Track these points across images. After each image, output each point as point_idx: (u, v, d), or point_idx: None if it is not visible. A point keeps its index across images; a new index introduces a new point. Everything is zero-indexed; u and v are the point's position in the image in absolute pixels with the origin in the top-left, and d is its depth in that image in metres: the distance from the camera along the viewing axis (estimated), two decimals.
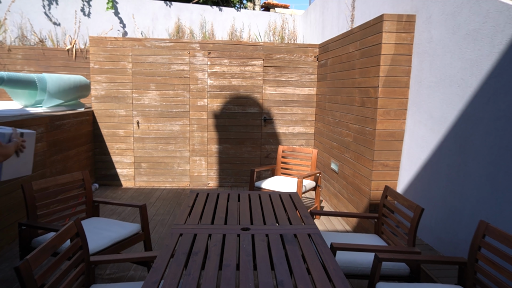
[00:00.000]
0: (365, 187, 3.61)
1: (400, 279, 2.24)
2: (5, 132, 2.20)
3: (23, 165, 2.37)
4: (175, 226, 2.05)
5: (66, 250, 1.74)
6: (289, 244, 1.85)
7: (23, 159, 2.35)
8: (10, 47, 6.00)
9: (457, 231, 2.70)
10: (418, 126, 3.23)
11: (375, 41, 3.41)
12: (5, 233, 3.30)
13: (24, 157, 2.36)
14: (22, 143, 2.22)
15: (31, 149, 2.42)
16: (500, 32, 2.31)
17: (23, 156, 2.34)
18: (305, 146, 5.60)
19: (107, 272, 2.90)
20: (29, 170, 2.43)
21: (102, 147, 5.35)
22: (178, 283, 1.47)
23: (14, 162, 2.29)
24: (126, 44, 5.16)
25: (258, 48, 5.30)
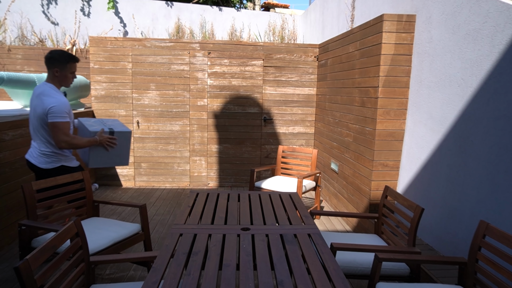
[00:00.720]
0: (365, 187, 3.61)
1: (400, 279, 2.24)
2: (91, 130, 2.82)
3: (117, 157, 2.98)
4: (175, 226, 2.05)
5: (66, 250, 1.74)
6: (289, 244, 1.85)
7: (116, 152, 2.96)
8: (10, 47, 6.00)
9: (457, 231, 2.70)
10: (418, 126, 3.23)
11: (375, 41, 3.41)
12: (5, 233, 3.30)
13: (118, 151, 2.96)
14: (108, 139, 2.82)
15: (126, 145, 3.00)
16: (500, 32, 2.31)
17: (116, 150, 2.95)
18: (305, 146, 5.60)
19: (107, 272, 2.90)
20: (126, 161, 3.05)
21: None
22: (178, 283, 1.47)
23: (103, 154, 2.90)
24: (126, 44, 5.16)
25: (258, 48, 5.30)
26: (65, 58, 2.67)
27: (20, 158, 3.51)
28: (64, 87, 3.77)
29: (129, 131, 2.99)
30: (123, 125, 3.09)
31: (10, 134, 3.37)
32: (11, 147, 3.38)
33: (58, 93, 2.71)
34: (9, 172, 3.35)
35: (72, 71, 2.76)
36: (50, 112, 2.57)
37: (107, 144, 2.82)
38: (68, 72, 2.72)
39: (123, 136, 2.96)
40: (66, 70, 2.70)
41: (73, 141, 2.66)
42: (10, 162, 3.35)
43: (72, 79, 2.78)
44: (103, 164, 2.94)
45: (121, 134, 2.95)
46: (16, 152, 3.45)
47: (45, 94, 2.63)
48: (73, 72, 2.77)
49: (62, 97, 2.68)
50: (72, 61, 2.72)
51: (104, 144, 2.81)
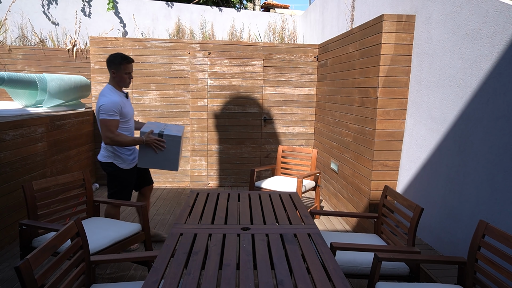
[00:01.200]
0: (365, 187, 3.62)
1: (399, 279, 2.25)
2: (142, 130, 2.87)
3: (165, 161, 2.91)
4: (175, 226, 2.06)
5: (67, 250, 1.75)
6: (289, 243, 1.85)
7: (165, 156, 2.90)
8: (11, 47, 6.01)
9: (456, 230, 2.71)
10: (417, 126, 3.23)
11: (374, 41, 3.41)
12: (5, 233, 3.31)
13: (166, 155, 2.90)
14: (155, 141, 2.81)
15: (175, 149, 2.90)
16: (499, 32, 2.32)
17: (165, 153, 2.89)
18: (305, 146, 5.60)
19: (107, 272, 2.90)
20: (175, 167, 2.94)
21: None
22: (178, 283, 1.48)
23: (152, 155, 2.89)
24: (127, 44, 5.16)
25: (258, 48, 5.30)
26: (119, 60, 2.84)
27: (20, 158, 3.51)
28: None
29: (179, 136, 2.89)
30: (180, 131, 3.01)
31: (11, 134, 3.37)
32: (12, 147, 3.38)
33: (113, 93, 2.88)
34: (10, 172, 3.35)
35: (127, 72, 2.89)
36: (100, 110, 2.78)
37: (154, 145, 2.83)
38: (122, 72, 2.87)
39: (172, 141, 2.89)
40: (121, 71, 2.86)
41: (116, 138, 2.78)
42: (10, 162, 3.36)
43: (128, 79, 2.92)
44: (152, 165, 2.92)
45: (170, 138, 2.88)
46: (16, 152, 3.45)
47: (102, 94, 2.86)
48: (128, 72, 2.90)
49: (115, 97, 2.84)
50: (125, 62, 2.86)
51: (152, 146, 2.82)
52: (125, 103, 2.92)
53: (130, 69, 2.91)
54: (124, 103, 2.91)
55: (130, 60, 2.89)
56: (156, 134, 2.87)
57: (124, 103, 2.91)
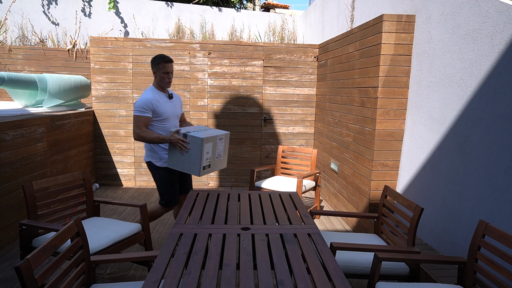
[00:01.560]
0: (365, 187, 3.62)
1: (399, 279, 2.25)
2: (170, 130, 2.84)
3: (188, 164, 2.79)
4: (175, 226, 2.06)
5: (67, 250, 1.75)
6: (289, 243, 1.85)
7: (188, 158, 2.77)
8: (11, 47, 6.01)
9: (456, 230, 2.71)
10: (417, 126, 3.23)
11: (374, 41, 3.41)
12: (5, 233, 3.31)
13: (189, 157, 2.76)
14: (179, 141, 2.74)
15: (196, 153, 2.74)
16: (499, 32, 2.32)
17: (188, 156, 2.76)
18: (305, 146, 5.61)
19: (107, 272, 2.91)
20: (196, 171, 2.77)
21: (102, 147, 5.36)
22: (178, 283, 1.48)
23: (177, 156, 2.81)
24: (127, 44, 5.16)
25: (258, 48, 5.30)
26: (157, 60, 2.91)
27: (20, 158, 3.52)
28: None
29: (201, 138, 2.70)
30: (210, 134, 2.81)
31: (11, 134, 3.37)
32: (12, 147, 3.38)
33: (151, 92, 2.94)
34: (10, 172, 3.35)
35: (165, 71, 2.91)
36: (134, 106, 2.91)
37: (179, 146, 2.76)
38: (161, 72, 2.92)
39: (194, 143, 2.73)
40: (159, 70, 2.92)
41: (141, 134, 2.83)
42: (10, 162, 3.36)
43: (167, 78, 2.94)
44: (178, 167, 2.84)
45: (192, 140, 2.73)
46: (16, 152, 3.45)
47: (142, 94, 2.96)
48: (166, 72, 2.92)
49: (149, 95, 2.90)
50: (162, 62, 2.90)
51: (177, 145, 2.77)
52: (161, 102, 2.94)
53: (169, 69, 2.92)
54: (160, 102, 2.93)
55: (167, 60, 2.91)
56: (182, 134, 2.79)
57: (160, 102, 2.93)
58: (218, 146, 2.89)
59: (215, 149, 2.89)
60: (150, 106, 2.87)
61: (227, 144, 3.05)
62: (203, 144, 2.72)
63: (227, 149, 3.07)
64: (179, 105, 3.17)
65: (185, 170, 2.81)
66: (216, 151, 2.90)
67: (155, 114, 2.91)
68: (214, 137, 2.84)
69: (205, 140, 2.73)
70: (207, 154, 2.80)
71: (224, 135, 2.96)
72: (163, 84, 2.96)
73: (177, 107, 3.12)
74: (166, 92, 3.05)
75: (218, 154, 2.94)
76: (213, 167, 2.91)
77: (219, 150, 2.94)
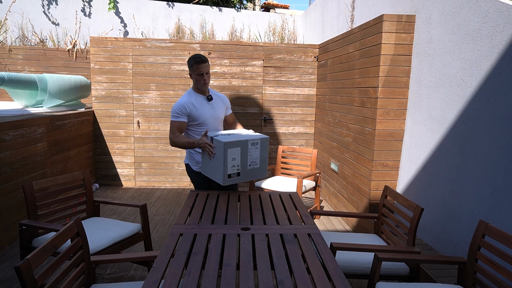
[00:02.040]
0: (365, 187, 3.62)
1: (399, 279, 2.25)
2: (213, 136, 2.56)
3: (215, 171, 2.54)
4: (175, 226, 2.06)
5: (67, 250, 1.75)
6: (289, 243, 1.85)
7: (215, 165, 2.53)
8: (11, 47, 6.01)
9: (456, 231, 2.71)
10: (417, 126, 3.23)
11: (374, 42, 3.41)
12: (5, 233, 3.31)
13: (215, 164, 2.52)
14: (206, 144, 2.53)
15: (219, 157, 2.47)
16: (499, 32, 2.32)
17: (214, 162, 2.53)
18: (305, 146, 5.60)
19: (107, 272, 2.90)
20: (219, 178, 2.50)
21: (102, 147, 5.36)
22: (178, 283, 1.48)
23: (207, 161, 2.61)
24: (127, 44, 5.16)
25: (258, 48, 5.30)
26: (190, 61, 2.80)
27: (20, 158, 3.52)
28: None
29: (223, 142, 2.41)
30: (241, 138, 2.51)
31: (11, 134, 3.37)
32: (12, 147, 3.38)
33: (188, 95, 2.85)
34: (10, 172, 3.35)
35: (198, 73, 2.77)
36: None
37: (207, 150, 2.54)
38: (194, 73, 2.80)
39: (218, 147, 2.46)
40: (193, 72, 2.80)
41: (174, 139, 2.74)
42: (10, 162, 3.36)
43: (202, 80, 2.79)
44: (207, 173, 2.63)
45: (217, 143, 2.47)
46: (16, 152, 3.45)
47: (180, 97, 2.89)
48: (200, 73, 2.77)
49: (184, 99, 2.81)
50: (195, 63, 2.76)
51: (205, 150, 2.55)
52: (197, 105, 2.80)
53: (203, 69, 2.75)
54: (196, 105, 2.79)
55: (198, 60, 2.74)
56: (209, 137, 2.57)
57: (196, 106, 2.79)
58: (250, 152, 2.55)
59: (246, 155, 2.54)
60: (183, 111, 2.74)
61: (266, 149, 2.63)
62: (226, 149, 2.42)
63: (266, 156, 2.64)
64: (221, 107, 2.95)
65: (213, 177, 2.58)
66: (248, 158, 2.55)
67: (191, 118, 2.78)
68: (244, 141, 2.49)
69: (228, 144, 2.42)
70: (234, 161, 2.48)
71: (260, 139, 2.58)
72: (199, 86, 2.81)
73: (218, 110, 2.91)
74: (205, 94, 2.87)
75: (252, 162, 2.59)
76: (244, 176, 2.56)
77: (253, 157, 2.59)
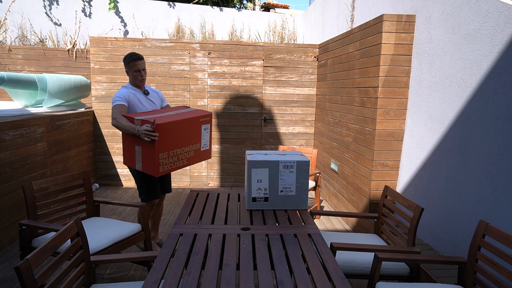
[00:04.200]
0: (365, 187, 3.62)
1: (399, 279, 2.24)
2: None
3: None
4: (175, 226, 2.06)
5: (67, 250, 1.74)
6: (289, 244, 1.85)
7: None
8: (11, 47, 6.00)
9: (456, 231, 2.71)
10: (417, 126, 3.23)
11: (375, 41, 3.41)
12: (5, 233, 3.31)
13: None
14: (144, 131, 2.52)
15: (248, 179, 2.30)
16: (499, 32, 2.32)
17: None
18: (305, 146, 5.60)
19: (107, 272, 2.90)
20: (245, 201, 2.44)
21: (102, 147, 5.36)
22: (178, 283, 1.48)
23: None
24: (127, 44, 5.16)
25: (258, 48, 5.30)
26: (127, 59, 2.92)
27: (20, 158, 3.51)
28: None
29: (248, 160, 2.26)
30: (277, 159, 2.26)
31: (11, 134, 3.37)
32: (12, 147, 3.38)
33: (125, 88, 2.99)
34: (10, 172, 3.35)
35: (135, 69, 2.91)
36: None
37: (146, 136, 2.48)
38: (131, 70, 2.93)
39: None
40: (131, 69, 2.93)
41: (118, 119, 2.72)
42: (10, 162, 3.36)
43: (139, 76, 2.94)
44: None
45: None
46: (16, 152, 3.45)
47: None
48: (137, 70, 2.91)
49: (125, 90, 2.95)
50: (132, 60, 2.90)
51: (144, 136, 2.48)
52: (137, 96, 2.96)
53: (140, 66, 2.91)
54: (136, 96, 2.95)
55: (135, 57, 2.89)
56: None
57: (136, 96, 2.95)
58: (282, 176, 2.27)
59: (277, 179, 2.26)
60: (125, 97, 2.87)
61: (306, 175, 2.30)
62: (250, 168, 2.22)
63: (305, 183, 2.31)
64: (157, 100, 3.14)
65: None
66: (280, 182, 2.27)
67: (131, 109, 2.92)
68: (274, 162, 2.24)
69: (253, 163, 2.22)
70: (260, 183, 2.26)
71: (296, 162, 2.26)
72: (136, 82, 2.97)
73: (155, 102, 3.10)
74: (142, 89, 3.04)
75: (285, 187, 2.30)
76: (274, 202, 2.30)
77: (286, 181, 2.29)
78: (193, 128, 2.78)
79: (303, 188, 2.29)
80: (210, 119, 2.92)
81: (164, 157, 2.60)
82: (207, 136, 2.89)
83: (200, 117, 2.82)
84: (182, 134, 2.70)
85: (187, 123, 2.71)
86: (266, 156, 2.35)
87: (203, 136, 2.87)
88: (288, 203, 2.32)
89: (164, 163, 2.61)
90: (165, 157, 2.60)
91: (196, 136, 2.83)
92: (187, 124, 2.72)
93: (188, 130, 2.74)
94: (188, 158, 2.80)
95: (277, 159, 2.27)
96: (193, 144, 2.82)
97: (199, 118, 2.82)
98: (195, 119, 2.77)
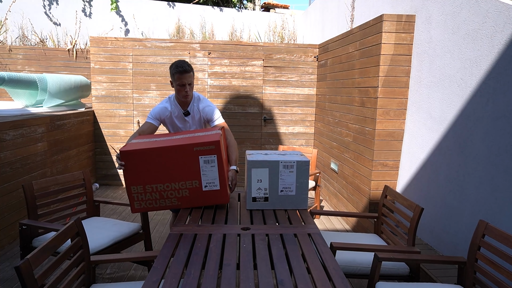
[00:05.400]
0: (365, 187, 3.62)
1: (399, 279, 2.25)
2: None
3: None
4: (175, 226, 2.06)
5: (67, 250, 1.75)
6: (289, 243, 1.85)
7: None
8: (11, 47, 6.01)
9: (456, 230, 2.71)
10: (417, 126, 3.23)
11: (374, 41, 3.41)
12: (5, 233, 3.31)
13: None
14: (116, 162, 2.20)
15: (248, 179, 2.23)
16: (499, 32, 2.32)
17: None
18: (305, 146, 5.60)
19: (107, 272, 2.91)
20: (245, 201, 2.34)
21: (102, 147, 5.36)
22: (178, 283, 1.48)
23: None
24: (127, 44, 5.16)
25: (258, 48, 5.30)
26: (172, 70, 2.49)
27: (20, 158, 3.52)
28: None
29: (248, 160, 2.23)
30: (277, 159, 2.24)
31: (11, 134, 3.37)
32: (12, 147, 3.39)
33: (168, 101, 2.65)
34: (10, 172, 3.35)
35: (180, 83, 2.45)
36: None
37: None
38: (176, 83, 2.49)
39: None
40: (175, 82, 2.50)
41: (131, 135, 2.60)
42: (10, 162, 3.36)
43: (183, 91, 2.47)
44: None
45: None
46: (16, 152, 3.45)
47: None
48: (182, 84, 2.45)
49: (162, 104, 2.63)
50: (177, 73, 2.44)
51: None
52: (173, 117, 2.62)
53: (185, 80, 2.41)
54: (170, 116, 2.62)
55: (181, 70, 2.39)
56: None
57: (170, 117, 2.62)
58: (282, 176, 2.25)
59: (277, 179, 2.25)
60: (158, 115, 2.58)
61: (306, 175, 2.27)
62: (249, 168, 2.24)
63: (305, 182, 2.28)
64: (196, 121, 2.70)
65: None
66: (280, 182, 2.26)
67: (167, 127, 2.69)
68: (274, 162, 2.22)
69: (252, 163, 2.22)
70: (260, 183, 2.26)
71: (296, 162, 2.24)
72: (179, 97, 2.52)
73: (191, 123, 2.68)
74: (184, 108, 2.60)
75: (285, 187, 2.28)
76: (274, 202, 2.31)
77: (286, 181, 2.28)
78: (184, 159, 2.13)
79: (303, 188, 2.29)
80: (216, 150, 2.12)
81: (139, 191, 2.15)
82: (212, 172, 2.17)
83: (193, 145, 2.11)
84: (164, 166, 2.12)
85: (169, 151, 2.10)
86: (266, 156, 2.34)
87: (205, 171, 2.16)
88: (288, 203, 2.32)
89: (140, 198, 2.17)
90: (140, 192, 2.15)
91: (191, 170, 2.15)
92: (170, 153, 2.10)
93: (174, 162, 2.13)
94: (179, 198, 2.21)
95: (277, 159, 2.25)
96: (185, 181, 2.17)
97: (193, 146, 2.11)
98: (184, 148, 2.11)
